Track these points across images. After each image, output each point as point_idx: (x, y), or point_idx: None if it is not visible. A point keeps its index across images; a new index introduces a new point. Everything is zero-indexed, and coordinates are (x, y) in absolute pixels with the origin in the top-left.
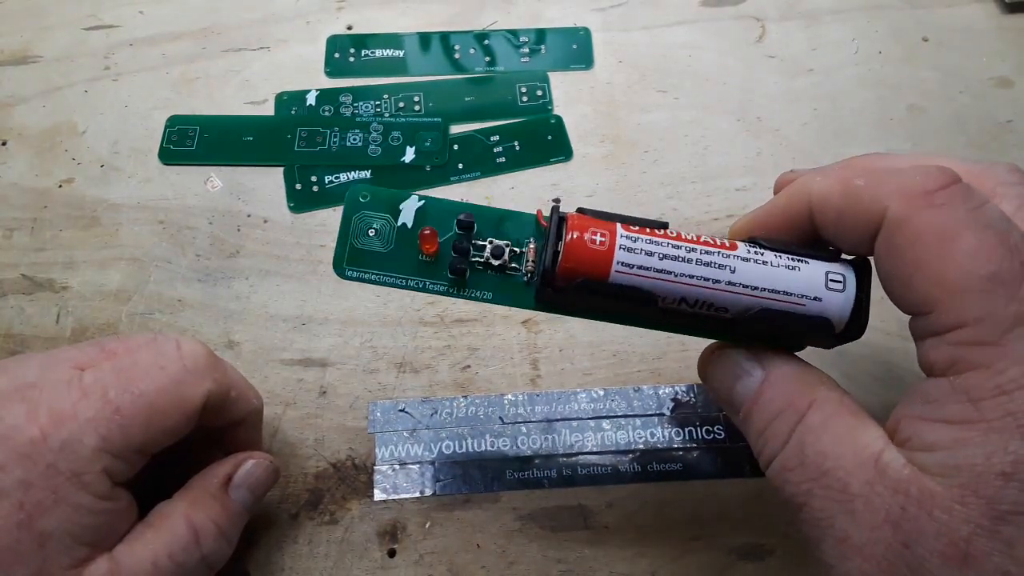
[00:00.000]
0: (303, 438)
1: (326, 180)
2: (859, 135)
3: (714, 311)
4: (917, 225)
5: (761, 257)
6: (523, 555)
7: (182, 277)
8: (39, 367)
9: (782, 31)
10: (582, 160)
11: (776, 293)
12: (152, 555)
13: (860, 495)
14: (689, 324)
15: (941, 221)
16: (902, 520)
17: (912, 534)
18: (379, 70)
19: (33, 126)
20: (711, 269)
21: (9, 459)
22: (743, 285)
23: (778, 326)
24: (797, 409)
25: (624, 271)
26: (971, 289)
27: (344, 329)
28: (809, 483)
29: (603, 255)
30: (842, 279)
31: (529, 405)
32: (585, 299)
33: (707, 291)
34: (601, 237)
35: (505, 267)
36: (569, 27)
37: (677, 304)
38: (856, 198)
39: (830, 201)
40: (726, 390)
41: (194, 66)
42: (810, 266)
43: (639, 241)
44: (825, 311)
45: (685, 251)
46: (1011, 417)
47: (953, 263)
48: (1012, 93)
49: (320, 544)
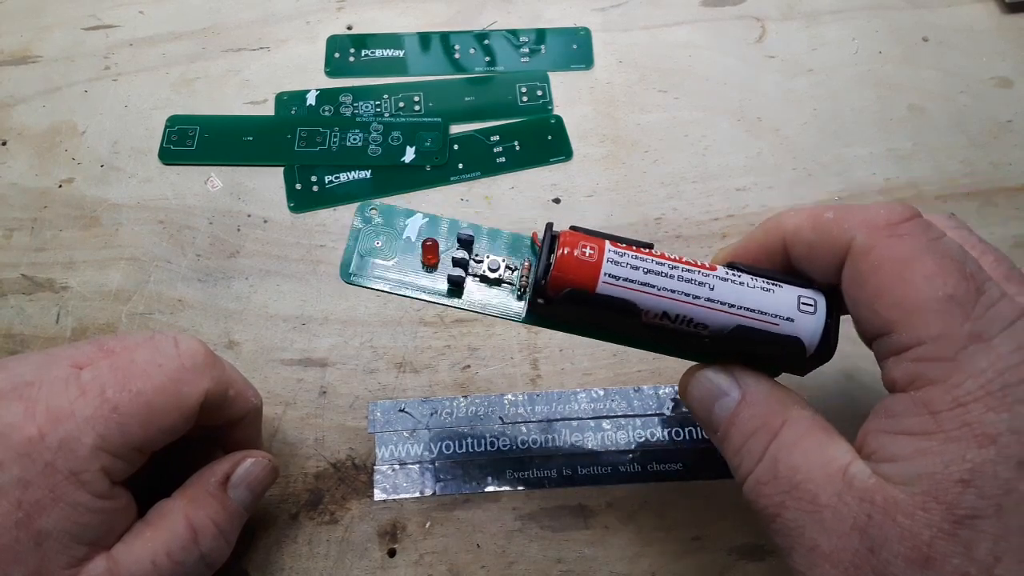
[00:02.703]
0: (303, 438)
1: (326, 180)
2: (859, 135)
3: (693, 327)
4: (880, 252)
5: (738, 279)
6: (523, 555)
7: (182, 277)
8: (37, 365)
9: (782, 31)
10: (582, 160)
11: (751, 312)
12: (151, 554)
13: (829, 505)
14: (670, 341)
15: (902, 249)
16: (868, 527)
17: (878, 540)
18: (379, 70)
19: (33, 126)
20: (691, 285)
21: (7, 457)
22: (720, 302)
23: (752, 344)
24: (771, 428)
25: (611, 282)
26: (929, 309)
27: (344, 329)
28: (781, 495)
29: (592, 267)
30: (813, 303)
31: (529, 405)
32: (573, 310)
33: (687, 306)
34: (590, 251)
35: (500, 280)
36: (569, 27)
37: (659, 319)
38: (825, 230)
39: (801, 233)
40: (705, 410)
41: (194, 66)
42: (784, 290)
43: (625, 256)
44: (797, 331)
45: (668, 268)
46: (968, 428)
47: (913, 286)
48: (1012, 93)
49: (320, 544)
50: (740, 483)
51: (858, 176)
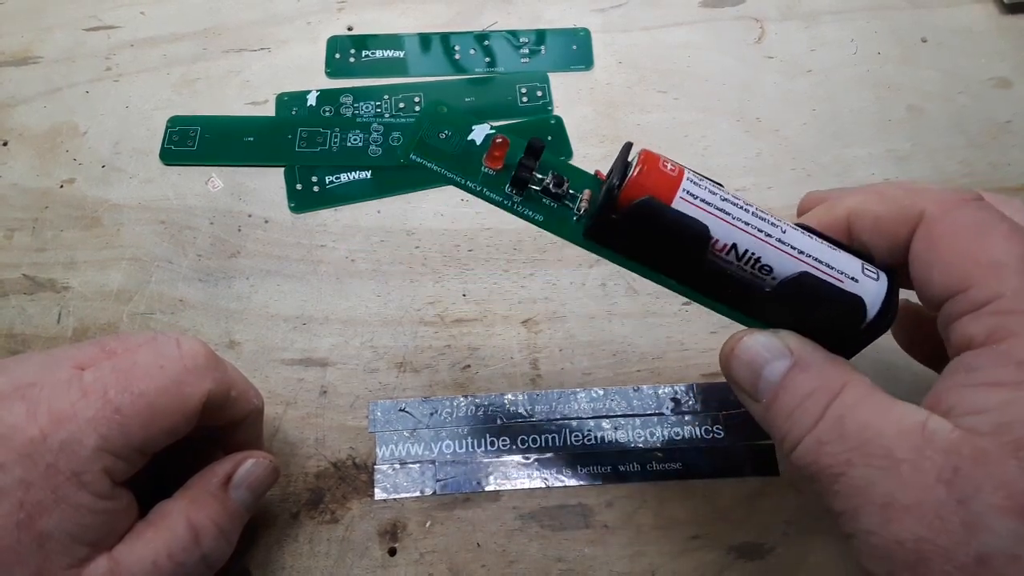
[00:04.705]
0: (304, 437)
1: (327, 180)
2: (859, 135)
3: (759, 270)
4: (955, 218)
5: (808, 233)
6: (523, 554)
7: (183, 277)
8: (39, 366)
9: (782, 31)
10: (582, 160)
11: (819, 263)
12: (152, 554)
13: (907, 459)
14: (728, 287)
15: (977, 215)
16: (955, 479)
17: (968, 490)
18: (379, 71)
19: (34, 127)
20: (765, 223)
21: (9, 459)
22: (791, 246)
23: (814, 298)
24: (831, 389)
25: (688, 199)
26: (1007, 265)
27: (344, 329)
28: (847, 453)
29: (672, 179)
30: (876, 272)
31: (529, 405)
32: (639, 229)
33: (758, 241)
34: (672, 167)
35: (562, 196)
36: (569, 28)
37: (727, 253)
38: (895, 201)
39: (868, 205)
40: (752, 376)
41: (195, 67)
42: (848, 255)
43: (705, 181)
44: (860, 291)
45: (743, 203)
46: None
47: (991, 243)
48: (1011, 93)
49: (321, 543)
50: (789, 450)
51: (857, 176)
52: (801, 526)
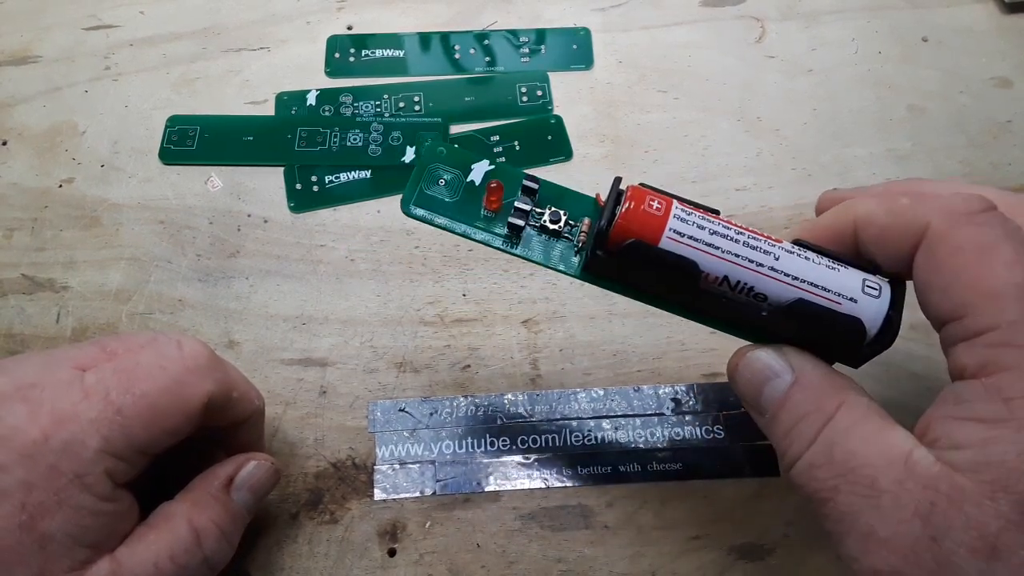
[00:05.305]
0: (303, 438)
1: (326, 180)
2: (859, 135)
3: (752, 297)
4: (958, 237)
5: (804, 254)
6: (523, 555)
7: (182, 277)
8: (40, 367)
9: (782, 31)
10: (582, 160)
11: (815, 287)
12: (154, 556)
13: (888, 491)
14: (725, 312)
15: (982, 235)
16: (931, 515)
17: (941, 528)
18: (379, 70)
19: (33, 126)
20: (756, 252)
21: (10, 460)
22: (784, 273)
23: (811, 322)
24: (825, 411)
25: (675, 238)
26: (1006, 295)
27: (344, 329)
28: (836, 479)
29: (657, 220)
30: (878, 288)
31: (529, 405)
32: (631, 265)
33: (749, 272)
34: (658, 205)
35: (560, 233)
36: (569, 27)
37: (719, 284)
38: (900, 214)
39: (874, 216)
40: (754, 391)
41: (194, 66)
42: (849, 271)
43: (692, 215)
44: (859, 312)
45: (734, 232)
46: None
47: (991, 271)
48: (1012, 93)
49: (320, 543)
50: (787, 468)
51: (858, 176)
52: (801, 527)
